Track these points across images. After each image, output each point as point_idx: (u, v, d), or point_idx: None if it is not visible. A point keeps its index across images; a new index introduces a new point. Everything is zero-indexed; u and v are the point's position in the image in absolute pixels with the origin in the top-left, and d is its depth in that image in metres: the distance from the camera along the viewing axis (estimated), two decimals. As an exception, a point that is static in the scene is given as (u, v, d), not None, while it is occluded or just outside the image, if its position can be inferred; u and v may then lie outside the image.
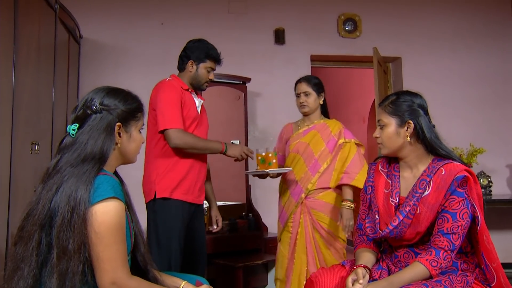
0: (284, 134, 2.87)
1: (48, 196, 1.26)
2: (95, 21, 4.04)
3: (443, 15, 4.71)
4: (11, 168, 2.36)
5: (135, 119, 1.45)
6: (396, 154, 1.73)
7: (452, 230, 1.54)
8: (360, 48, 4.49)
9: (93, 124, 1.35)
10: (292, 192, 2.69)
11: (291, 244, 2.65)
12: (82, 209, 1.23)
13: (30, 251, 1.23)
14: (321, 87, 2.75)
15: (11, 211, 2.35)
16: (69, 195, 1.24)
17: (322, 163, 2.64)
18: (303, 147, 2.68)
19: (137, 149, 1.49)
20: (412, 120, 1.68)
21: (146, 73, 3.99)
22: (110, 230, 1.25)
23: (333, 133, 2.71)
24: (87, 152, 1.32)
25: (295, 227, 2.65)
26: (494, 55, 4.73)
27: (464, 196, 1.57)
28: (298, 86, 2.73)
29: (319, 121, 2.77)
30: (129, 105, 1.42)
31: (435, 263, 1.53)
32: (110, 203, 1.27)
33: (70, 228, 1.21)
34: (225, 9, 4.34)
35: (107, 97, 1.39)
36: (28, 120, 2.61)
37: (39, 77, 2.81)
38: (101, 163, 1.33)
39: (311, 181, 2.63)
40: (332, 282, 1.66)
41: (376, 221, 1.71)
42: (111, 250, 1.25)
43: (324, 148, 2.66)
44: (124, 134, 1.42)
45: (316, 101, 2.73)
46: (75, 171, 1.28)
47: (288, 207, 2.69)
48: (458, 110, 4.54)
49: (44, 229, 1.24)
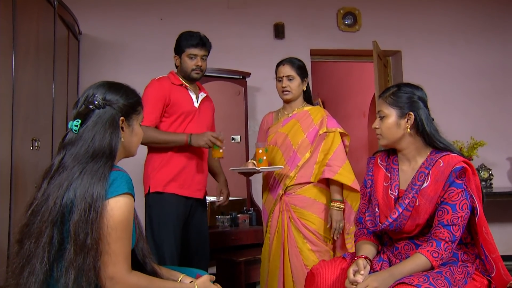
0: (264, 125, 2.63)
1: (59, 193, 1.26)
2: (94, 17, 4.04)
3: (443, 9, 4.70)
4: (12, 164, 2.36)
5: (136, 113, 1.47)
6: (394, 145, 1.73)
7: (452, 221, 1.55)
8: (360, 42, 4.48)
9: (97, 120, 1.35)
10: (271, 189, 2.49)
11: (270, 246, 2.44)
12: (99, 205, 1.24)
13: (41, 247, 1.24)
14: (305, 71, 2.50)
15: (12, 208, 2.35)
16: (85, 192, 1.25)
17: (302, 155, 2.39)
18: (282, 138, 2.44)
19: (139, 142, 1.51)
20: (412, 112, 1.68)
21: (146, 69, 3.98)
22: (119, 225, 1.27)
23: (315, 122, 2.43)
24: (96, 147, 1.32)
25: (273, 226, 2.44)
26: (494, 49, 4.72)
27: (463, 187, 1.57)
28: (281, 69, 2.45)
29: (300, 108, 2.49)
30: (131, 99, 1.44)
31: (436, 254, 1.54)
32: (123, 198, 1.29)
33: (88, 223, 1.22)
34: (225, 4, 4.33)
35: (109, 92, 1.40)
36: (28, 117, 2.62)
37: (38, 73, 2.81)
38: (112, 159, 1.34)
39: (290, 175, 2.38)
40: (333, 274, 1.67)
41: (376, 214, 1.72)
42: (116, 244, 1.26)
43: (303, 139, 2.40)
44: (127, 128, 1.43)
45: (300, 87, 2.46)
46: (87, 168, 1.28)
47: (268, 205, 2.49)
48: (458, 103, 4.54)
49: (56, 225, 1.25)
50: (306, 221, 2.36)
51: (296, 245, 2.35)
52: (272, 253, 2.41)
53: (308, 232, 2.35)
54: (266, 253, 2.47)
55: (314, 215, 2.37)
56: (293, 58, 2.49)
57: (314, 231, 2.35)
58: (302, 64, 2.48)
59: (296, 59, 2.49)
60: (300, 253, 2.34)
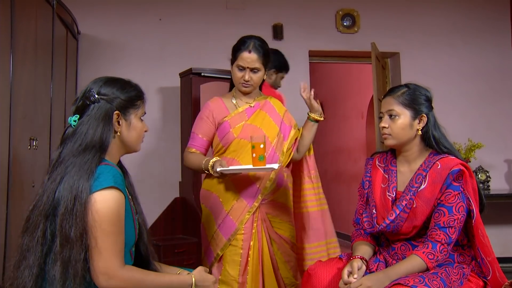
0: (214, 113, 2.12)
1: (52, 187, 1.28)
2: (93, 17, 4.03)
3: (441, 11, 4.71)
4: (9, 163, 2.36)
5: (134, 107, 1.45)
6: (402, 146, 1.71)
7: (449, 223, 1.56)
8: (358, 44, 4.49)
9: (91, 114, 1.36)
10: (244, 194, 2.04)
11: (242, 263, 2.02)
12: (83, 197, 1.24)
13: (35, 241, 1.25)
14: (270, 56, 2.11)
15: (9, 207, 2.35)
16: (72, 184, 1.25)
17: (279, 153, 2.09)
18: (256, 132, 2.04)
19: (139, 137, 1.48)
20: (426, 114, 1.68)
21: (144, 69, 4.00)
22: (107, 219, 1.26)
23: (281, 115, 2.16)
24: (88, 141, 1.33)
25: (247, 240, 2.03)
26: (492, 50, 4.73)
27: (459, 189, 1.58)
28: (245, 57, 2.03)
29: (261, 98, 2.18)
30: (127, 93, 1.43)
31: (431, 256, 1.55)
32: (109, 192, 1.28)
33: (72, 216, 1.23)
34: (223, 4, 4.33)
35: (105, 86, 1.40)
36: (26, 116, 2.61)
37: (36, 72, 2.81)
38: (101, 152, 1.34)
39: (270, 177, 2.05)
40: (329, 274, 1.67)
41: (373, 216, 1.72)
42: (107, 239, 1.25)
43: (278, 134, 2.11)
44: (124, 122, 1.42)
45: (262, 78, 2.11)
46: (77, 161, 1.29)
47: (236, 213, 2.03)
48: (456, 105, 4.54)
49: (48, 219, 1.27)
50: (278, 229, 2.12)
51: (274, 259, 2.09)
52: (250, 272, 2.03)
53: (283, 242, 2.12)
54: (234, 272, 2.02)
55: (286, 222, 2.14)
56: (258, 40, 2.08)
57: (287, 240, 2.14)
58: (268, 47, 2.11)
59: (262, 42, 2.09)
60: (279, 270, 2.10)
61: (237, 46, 2.09)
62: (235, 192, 2.05)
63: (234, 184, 2.05)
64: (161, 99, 4.06)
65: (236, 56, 2.07)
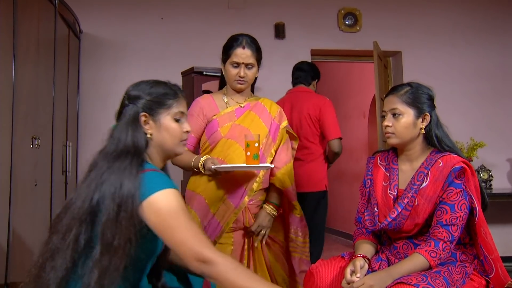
0: (205, 110, 2.09)
1: (88, 192, 1.24)
2: (95, 16, 4.04)
3: (443, 10, 4.70)
4: (11, 162, 2.37)
5: (165, 107, 1.38)
6: (405, 145, 1.70)
7: (451, 221, 1.55)
8: (360, 43, 4.48)
9: (123, 118, 1.36)
10: (230, 195, 2.01)
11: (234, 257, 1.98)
12: (130, 205, 1.21)
13: (66, 244, 1.22)
14: (261, 53, 2.12)
15: (12, 206, 2.36)
16: (113, 191, 1.22)
17: (267, 154, 2.06)
18: (242, 133, 2.01)
19: (174, 138, 1.40)
20: (429, 112, 1.68)
21: (146, 68, 4.00)
22: (171, 214, 1.22)
23: (273, 115, 2.12)
24: (121, 146, 1.30)
25: (238, 243, 2.04)
26: (494, 50, 4.72)
27: (462, 187, 1.58)
28: (239, 53, 2.03)
29: (252, 99, 2.15)
30: (154, 93, 1.37)
31: (434, 254, 1.54)
32: (164, 191, 1.24)
33: (117, 224, 1.19)
34: (225, 4, 4.33)
35: (134, 89, 1.38)
36: (28, 115, 2.62)
37: (39, 72, 2.82)
38: (138, 156, 1.30)
39: (257, 178, 2.02)
40: (331, 273, 1.67)
41: (375, 214, 1.72)
42: (181, 232, 1.21)
43: (267, 136, 2.07)
44: (153, 123, 1.37)
45: (255, 75, 2.11)
46: (114, 167, 1.26)
47: (222, 215, 2.00)
48: (458, 104, 4.54)
49: (83, 224, 1.23)
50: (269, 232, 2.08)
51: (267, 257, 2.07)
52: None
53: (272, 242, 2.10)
54: None
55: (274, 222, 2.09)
56: (249, 37, 2.10)
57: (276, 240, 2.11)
58: (258, 44, 2.13)
59: (253, 38, 2.11)
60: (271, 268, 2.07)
61: (230, 44, 2.08)
62: (221, 193, 2.02)
63: (221, 185, 2.01)
64: (163, 98, 4.06)
65: (230, 54, 2.06)
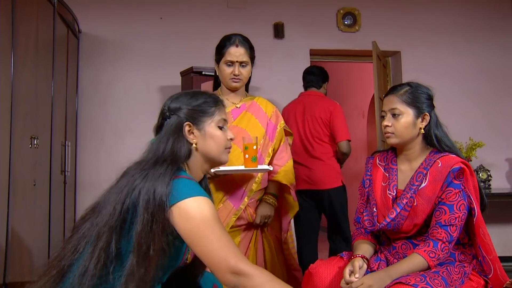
0: None
1: (119, 199, 1.22)
2: (94, 16, 4.03)
3: (443, 10, 4.70)
4: (10, 162, 2.36)
5: (207, 115, 1.38)
6: (404, 145, 1.70)
7: (450, 221, 1.55)
8: (359, 42, 4.48)
9: (164, 130, 1.36)
10: (230, 196, 2.02)
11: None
12: (162, 211, 1.19)
13: (98, 251, 1.19)
14: (254, 52, 2.15)
15: (10, 205, 2.35)
16: (147, 199, 1.19)
17: (265, 155, 2.07)
18: (241, 134, 2.02)
19: (219, 146, 1.39)
20: (429, 112, 1.68)
21: (145, 68, 4.00)
22: (204, 222, 1.19)
23: (269, 115, 2.12)
24: (159, 155, 1.30)
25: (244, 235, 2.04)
26: (494, 50, 4.72)
27: (460, 187, 1.58)
28: (233, 51, 2.04)
29: (248, 98, 2.15)
30: (195, 103, 1.38)
31: (433, 254, 1.55)
32: (197, 198, 1.22)
33: (151, 234, 1.17)
34: (224, 3, 4.32)
35: (174, 101, 1.39)
36: (27, 115, 2.62)
37: (37, 71, 2.81)
38: (174, 164, 1.29)
39: (256, 179, 2.03)
40: (330, 273, 1.67)
41: (374, 214, 1.72)
42: (214, 242, 1.18)
43: (264, 136, 2.08)
44: (198, 132, 1.37)
45: (249, 73, 2.12)
46: (149, 174, 1.24)
47: (221, 216, 1.99)
48: (457, 104, 4.54)
49: (115, 231, 1.20)
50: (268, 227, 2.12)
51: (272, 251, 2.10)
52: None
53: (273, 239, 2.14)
54: None
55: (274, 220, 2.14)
56: (241, 36, 2.12)
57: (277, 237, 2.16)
58: (251, 43, 2.16)
59: (245, 37, 2.12)
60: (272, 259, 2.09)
61: (223, 43, 2.10)
62: (221, 195, 2.02)
63: (220, 186, 2.02)
64: (162, 98, 4.06)
65: (223, 53, 2.07)
